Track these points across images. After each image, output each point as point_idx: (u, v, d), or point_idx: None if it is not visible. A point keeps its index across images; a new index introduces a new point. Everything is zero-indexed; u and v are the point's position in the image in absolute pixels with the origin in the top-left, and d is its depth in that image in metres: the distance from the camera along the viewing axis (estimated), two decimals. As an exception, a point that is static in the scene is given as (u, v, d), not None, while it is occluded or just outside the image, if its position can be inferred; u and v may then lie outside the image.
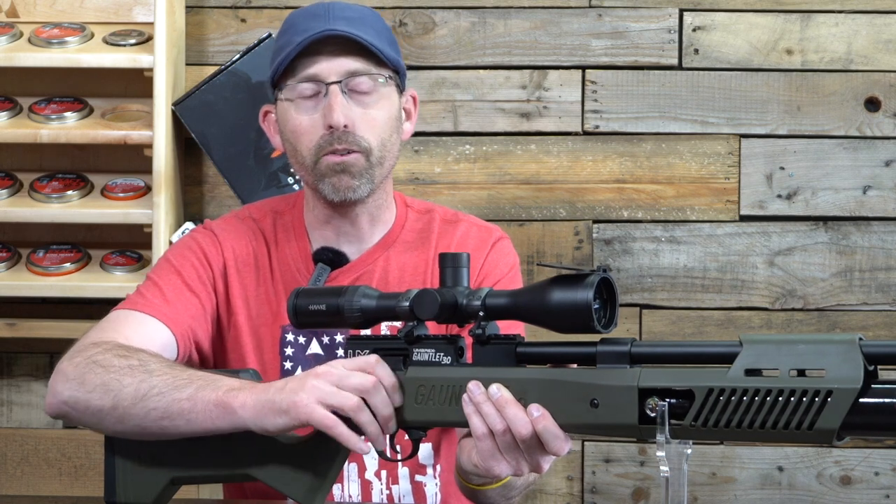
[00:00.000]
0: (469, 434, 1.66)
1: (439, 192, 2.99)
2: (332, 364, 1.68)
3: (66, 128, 2.97)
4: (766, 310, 3.00)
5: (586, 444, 3.01)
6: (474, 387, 1.60)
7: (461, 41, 3.02)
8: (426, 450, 2.09)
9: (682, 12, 3.01)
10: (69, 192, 2.98)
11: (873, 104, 2.99)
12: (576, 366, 1.60)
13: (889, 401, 1.43)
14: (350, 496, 2.06)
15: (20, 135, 2.96)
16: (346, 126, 2.02)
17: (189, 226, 2.93)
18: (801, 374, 1.47)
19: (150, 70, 2.91)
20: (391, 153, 2.08)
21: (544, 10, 3.03)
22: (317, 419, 1.65)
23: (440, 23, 3.03)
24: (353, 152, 2.03)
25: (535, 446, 1.58)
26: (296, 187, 2.96)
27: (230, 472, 1.79)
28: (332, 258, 2.08)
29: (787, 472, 2.99)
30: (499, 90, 3.03)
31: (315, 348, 2.08)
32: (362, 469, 2.07)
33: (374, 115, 2.05)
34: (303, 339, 2.08)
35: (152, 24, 2.92)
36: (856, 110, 3.00)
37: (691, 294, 3.01)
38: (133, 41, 2.99)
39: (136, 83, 2.97)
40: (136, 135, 2.94)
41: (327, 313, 1.71)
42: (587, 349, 1.58)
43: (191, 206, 3.05)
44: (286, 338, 2.07)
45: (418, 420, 1.68)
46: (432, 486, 2.09)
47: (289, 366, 2.07)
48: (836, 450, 2.98)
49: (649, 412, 1.52)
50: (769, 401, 1.46)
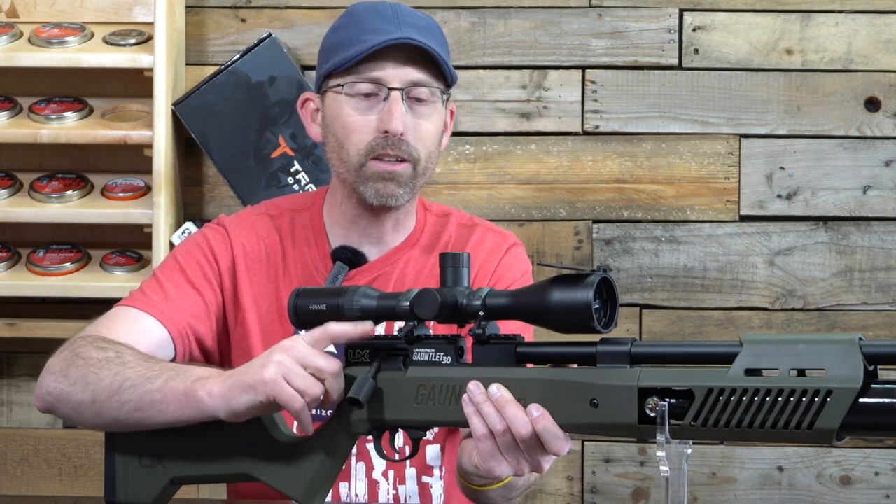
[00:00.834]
0: (469, 435, 1.66)
1: (439, 193, 2.99)
2: (295, 339, 1.69)
3: (66, 128, 2.97)
4: (766, 310, 3.00)
5: (586, 444, 3.01)
6: (474, 387, 1.60)
7: (461, 41, 3.02)
8: (434, 451, 2.09)
9: (682, 12, 3.01)
10: (69, 192, 2.98)
11: (873, 104, 2.99)
12: (576, 366, 1.60)
13: (889, 401, 1.43)
14: (357, 495, 2.06)
15: (20, 135, 2.96)
16: (401, 134, 2.02)
17: (189, 226, 2.93)
18: (800, 373, 1.47)
19: (150, 70, 2.91)
20: (432, 165, 2.10)
21: (544, 10, 3.03)
22: (284, 399, 1.66)
23: (440, 23, 3.03)
24: (404, 161, 2.04)
25: (536, 446, 1.58)
26: (295, 187, 2.96)
27: (230, 472, 1.79)
28: (350, 257, 2.08)
29: (787, 472, 2.99)
30: (499, 90, 3.03)
31: (328, 346, 2.08)
32: (370, 468, 2.07)
33: (426, 126, 2.06)
34: None
35: (152, 24, 2.92)
36: (856, 110, 3.00)
37: (691, 294, 3.01)
38: (133, 41, 2.99)
39: (136, 83, 2.97)
40: (136, 135, 2.94)
41: (328, 313, 1.71)
42: (587, 349, 1.58)
43: (191, 206, 3.05)
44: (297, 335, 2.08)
45: (418, 420, 1.68)
46: (438, 488, 2.10)
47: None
48: (836, 450, 2.98)
49: (649, 412, 1.52)
50: (769, 401, 1.46)
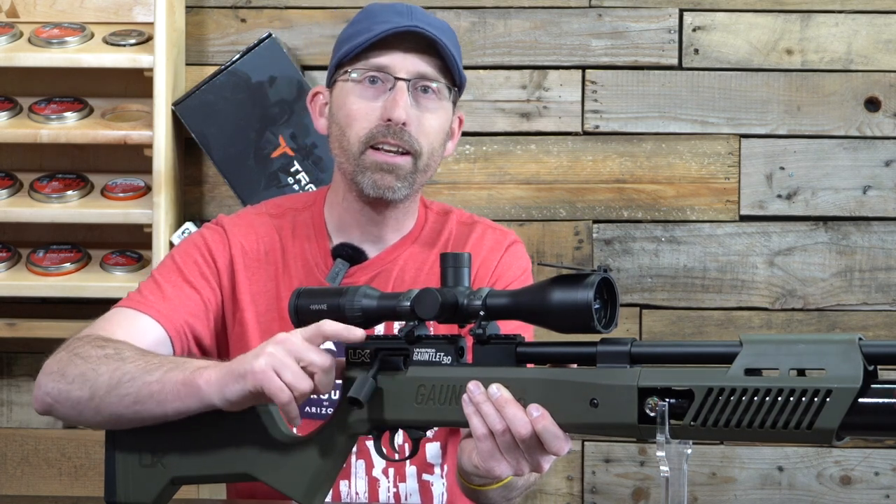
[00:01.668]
0: (470, 434, 1.66)
1: (439, 193, 2.99)
2: (291, 333, 1.69)
3: (66, 128, 2.97)
4: (766, 310, 3.00)
5: (586, 444, 3.01)
6: (474, 387, 1.60)
7: (461, 41, 3.01)
8: (434, 449, 2.09)
9: (682, 12, 3.02)
10: (69, 192, 2.98)
11: (873, 104, 2.99)
12: (576, 366, 1.60)
13: (888, 401, 1.43)
14: (357, 493, 2.06)
15: (20, 135, 2.96)
16: (403, 123, 2.02)
17: (189, 226, 2.93)
18: (800, 373, 1.47)
19: (150, 70, 2.91)
20: (434, 163, 2.09)
21: (544, 10, 3.03)
22: (271, 390, 1.66)
23: (440, 23, 3.03)
24: (404, 154, 2.04)
25: (535, 446, 1.58)
26: (295, 187, 2.96)
27: (230, 472, 1.79)
28: (351, 254, 2.08)
29: (787, 472, 2.99)
30: (499, 90, 3.03)
31: (328, 344, 2.08)
32: (370, 466, 2.07)
33: (431, 121, 2.06)
34: None
35: (152, 24, 2.92)
36: (856, 110, 3.00)
37: (691, 294, 3.01)
38: (133, 41, 2.99)
39: (136, 83, 2.97)
40: (136, 135, 2.94)
41: (328, 313, 1.71)
42: (587, 349, 1.58)
43: (191, 206, 3.05)
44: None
45: (418, 420, 1.68)
46: (439, 486, 2.10)
47: None
48: (836, 450, 2.98)
49: (649, 412, 1.52)
50: (769, 400, 1.46)
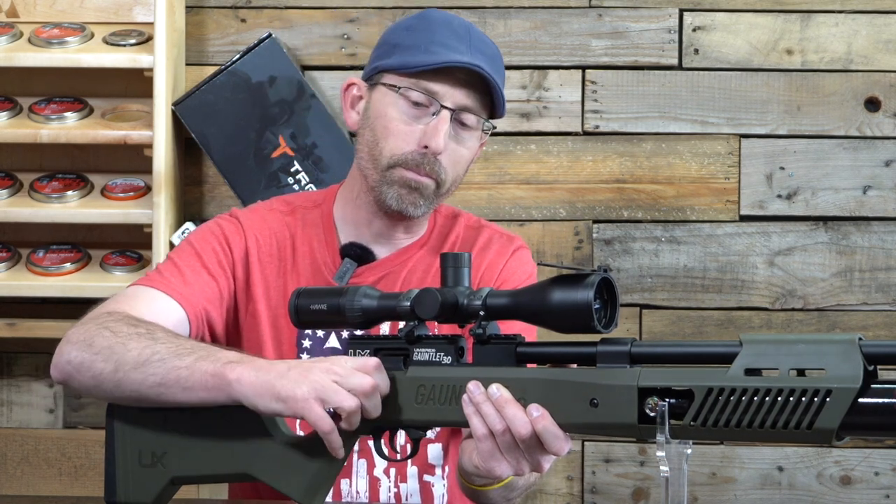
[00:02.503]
0: (470, 435, 1.66)
1: (439, 192, 2.99)
2: (336, 360, 1.67)
3: (66, 128, 2.97)
4: (766, 310, 3.00)
5: (586, 444, 3.01)
6: (474, 387, 1.60)
7: (461, 41, 3.02)
8: (436, 450, 2.09)
9: (682, 12, 3.02)
10: (69, 192, 2.98)
11: (873, 104, 2.99)
12: (576, 366, 1.60)
13: (888, 401, 1.43)
14: (358, 493, 2.06)
15: (20, 135, 2.96)
16: (440, 153, 2.03)
17: (189, 226, 2.94)
18: (800, 373, 1.47)
19: (150, 70, 2.91)
20: (455, 187, 2.10)
21: (544, 10, 3.03)
22: (313, 419, 1.65)
23: (440, 23, 3.03)
24: (430, 178, 2.04)
25: (536, 446, 1.58)
26: (295, 187, 2.96)
27: (230, 472, 1.79)
28: (359, 254, 2.08)
29: (787, 472, 2.99)
30: (499, 90, 3.02)
31: (333, 342, 2.08)
32: (371, 466, 2.07)
33: (462, 152, 2.07)
34: (321, 333, 2.08)
35: (152, 24, 2.92)
36: (856, 110, 3.00)
37: (691, 294, 3.01)
38: (133, 41, 2.99)
39: (136, 83, 2.97)
40: (136, 135, 2.94)
41: (328, 313, 1.71)
42: (587, 349, 1.58)
43: (191, 206, 3.05)
44: (304, 331, 2.08)
45: (418, 420, 1.68)
46: (440, 487, 2.10)
47: (306, 358, 2.06)
48: (836, 450, 2.98)
49: (649, 412, 1.52)
50: (769, 400, 1.46)
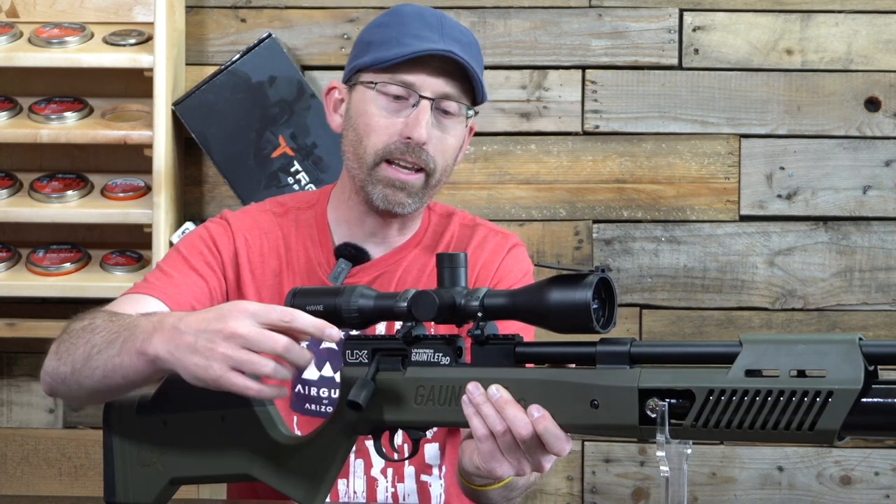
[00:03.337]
0: (470, 435, 1.66)
1: (439, 193, 2.98)
2: (237, 317, 1.61)
3: (66, 128, 2.97)
4: (766, 310, 3.00)
5: (586, 444, 3.01)
6: (473, 388, 1.60)
7: (461, 41, 3.02)
8: (433, 450, 2.09)
9: (682, 12, 3.01)
10: (69, 192, 2.98)
11: (873, 104, 2.99)
12: (575, 366, 1.60)
13: (889, 401, 1.43)
14: (355, 492, 2.06)
15: (20, 135, 2.96)
16: (424, 143, 2.02)
17: (189, 226, 2.93)
18: (801, 374, 1.47)
19: (150, 70, 2.91)
20: (445, 178, 2.10)
21: (544, 10, 3.03)
22: (237, 390, 1.62)
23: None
24: (419, 171, 2.04)
25: (536, 447, 1.58)
26: (295, 187, 2.96)
27: (230, 473, 1.79)
28: (354, 254, 2.08)
29: (787, 472, 2.99)
30: (499, 90, 3.03)
31: (329, 342, 2.08)
32: (368, 466, 2.07)
33: (448, 140, 2.06)
34: None
35: (152, 24, 2.92)
36: (856, 110, 3.00)
37: (691, 294, 3.01)
38: (133, 41, 2.99)
39: (136, 83, 2.97)
40: (136, 135, 2.94)
41: (325, 314, 1.70)
42: (586, 349, 1.57)
43: (191, 206, 3.05)
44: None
45: (418, 420, 1.67)
46: (437, 487, 2.09)
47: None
48: (836, 450, 2.98)
49: (649, 413, 1.52)
50: (769, 401, 1.46)
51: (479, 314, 1.62)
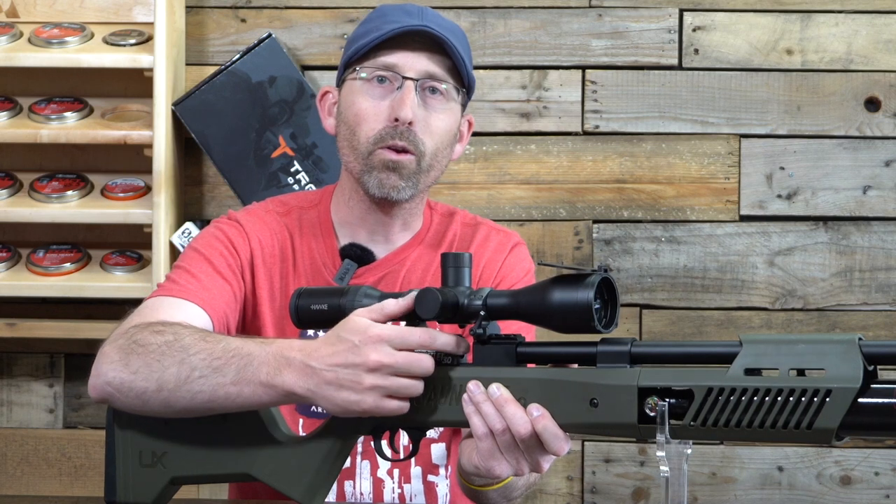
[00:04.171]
0: (470, 435, 1.66)
1: (439, 193, 2.99)
2: (375, 346, 1.62)
3: (66, 128, 2.97)
4: (766, 310, 3.00)
5: (586, 444, 3.01)
6: (474, 387, 1.60)
7: (461, 41, 3.02)
8: (440, 450, 2.09)
9: (682, 12, 3.02)
10: (69, 192, 2.98)
11: (873, 104, 2.99)
12: (576, 366, 1.60)
13: (888, 401, 1.43)
14: (362, 494, 2.06)
15: (20, 135, 2.96)
16: (410, 123, 2.02)
17: (189, 226, 2.94)
18: (800, 373, 1.47)
19: (150, 70, 2.91)
20: (440, 165, 2.09)
21: (544, 10, 3.03)
22: (391, 413, 1.64)
23: (440, 23, 3.03)
24: (409, 153, 2.03)
25: (535, 446, 1.58)
26: (295, 187, 2.96)
27: (230, 472, 1.79)
28: (359, 255, 2.08)
29: (787, 472, 2.99)
30: (499, 90, 3.03)
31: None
32: (374, 467, 2.06)
33: (437, 122, 2.05)
34: (323, 334, 2.07)
35: (152, 24, 2.92)
36: (856, 110, 3.00)
37: (691, 294, 3.01)
38: (133, 41, 2.99)
39: (136, 83, 2.97)
40: (136, 135, 2.94)
41: (329, 313, 1.71)
42: (587, 349, 1.58)
43: (191, 206, 3.05)
44: (307, 332, 2.07)
45: (418, 420, 1.68)
46: (443, 487, 2.10)
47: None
48: (836, 450, 2.98)
49: (649, 412, 1.52)
50: (768, 400, 1.46)
51: (482, 314, 1.63)
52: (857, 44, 2.99)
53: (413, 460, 2.05)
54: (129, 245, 3.02)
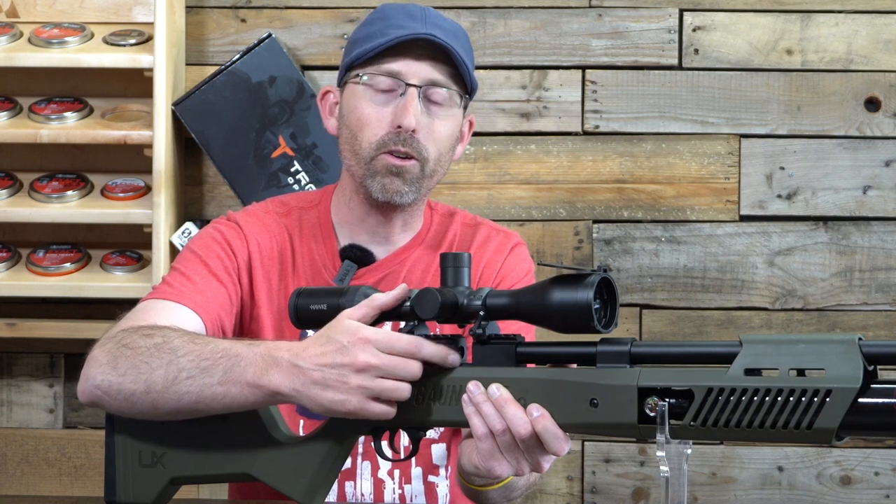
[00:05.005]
0: (470, 435, 1.66)
1: (439, 193, 2.99)
2: (363, 348, 1.63)
3: (66, 128, 2.97)
4: (766, 310, 3.00)
5: (586, 444, 3.01)
6: (474, 387, 1.60)
7: (461, 41, 3.02)
8: (440, 450, 2.09)
9: (682, 12, 3.02)
10: (69, 192, 2.98)
11: (873, 104, 2.99)
12: (576, 365, 1.61)
13: (888, 401, 1.43)
14: (362, 494, 2.06)
15: (20, 135, 2.96)
16: (413, 131, 2.02)
17: (189, 226, 2.94)
18: (800, 373, 1.47)
19: (150, 70, 2.91)
20: (442, 169, 2.09)
21: (544, 10, 3.03)
22: (377, 416, 1.65)
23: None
24: (412, 158, 2.03)
25: (535, 446, 1.58)
26: (295, 187, 2.96)
27: (230, 472, 1.79)
28: (359, 256, 2.08)
29: (787, 472, 2.99)
30: (499, 90, 3.03)
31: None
32: (375, 468, 2.07)
33: (440, 128, 2.05)
34: (313, 334, 2.07)
35: (152, 24, 2.92)
36: (856, 110, 3.00)
37: (691, 294, 3.01)
38: (133, 41, 2.99)
39: (136, 83, 2.97)
40: (136, 135, 2.94)
41: (328, 313, 1.71)
42: (587, 349, 1.58)
43: (191, 206, 3.05)
44: (307, 333, 2.07)
45: (418, 420, 1.68)
46: (444, 487, 2.10)
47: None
48: (836, 450, 2.98)
49: (649, 412, 1.52)
50: (768, 400, 1.46)
51: (482, 314, 1.63)
52: (857, 44, 2.99)
53: (413, 461, 2.05)
54: (129, 245, 3.02)
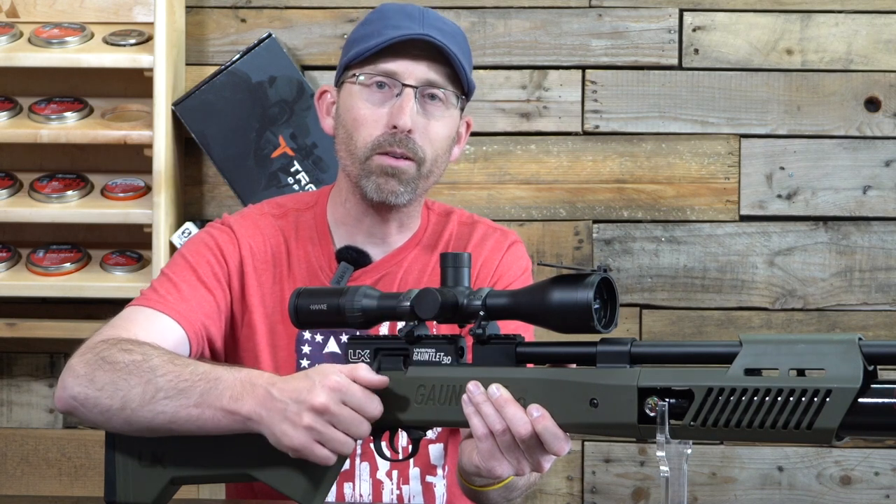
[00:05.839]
0: (470, 435, 1.66)
1: (439, 193, 2.99)
2: (327, 395, 1.65)
3: (66, 128, 2.97)
4: (766, 310, 3.00)
5: (586, 444, 3.01)
6: (474, 387, 1.60)
7: (461, 41, 3.02)
8: (437, 450, 2.09)
9: (682, 12, 3.02)
10: (69, 192, 2.98)
11: (873, 104, 2.99)
12: (575, 365, 1.61)
13: (888, 401, 1.43)
14: (361, 495, 2.06)
15: (20, 135, 2.96)
16: (409, 131, 2.02)
17: (189, 226, 2.94)
18: (800, 373, 1.47)
19: (150, 70, 2.91)
20: (438, 170, 2.08)
21: (544, 10, 3.03)
22: (317, 460, 1.67)
23: (440, 23, 3.03)
24: (408, 159, 2.03)
25: (536, 446, 1.58)
26: (295, 187, 2.96)
27: (230, 472, 1.79)
28: (355, 257, 2.07)
29: (787, 472, 2.99)
30: (499, 90, 3.03)
31: (332, 346, 2.07)
32: (374, 469, 2.06)
33: (436, 128, 2.05)
34: (320, 338, 2.07)
35: (152, 24, 2.92)
36: (856, 110, 3.00)
37: (691, 294, 3.01)
38: (133, 41, 2.99)
39: (136, 83, 2.97)
40: (136, 135, 2.94)
41: (328, 313, 1.71)
42: (587, 349, 1.58)
43: (191, 206, 3.05)
44: (303, 336, 2.07)
45: (418, 420, 1.68)
46: (441, 487, 2.10)
47: (305, 364, 2.05)
48: (836, 450, 2.98)
49: (649, 412, 1.52)
50: (768, 400, 1.46)
51: (481, 314, 1.63)
52: (857, 44, 2.99)
53: (412, 461, 2.05)
54: (129, 245, 3.02)
